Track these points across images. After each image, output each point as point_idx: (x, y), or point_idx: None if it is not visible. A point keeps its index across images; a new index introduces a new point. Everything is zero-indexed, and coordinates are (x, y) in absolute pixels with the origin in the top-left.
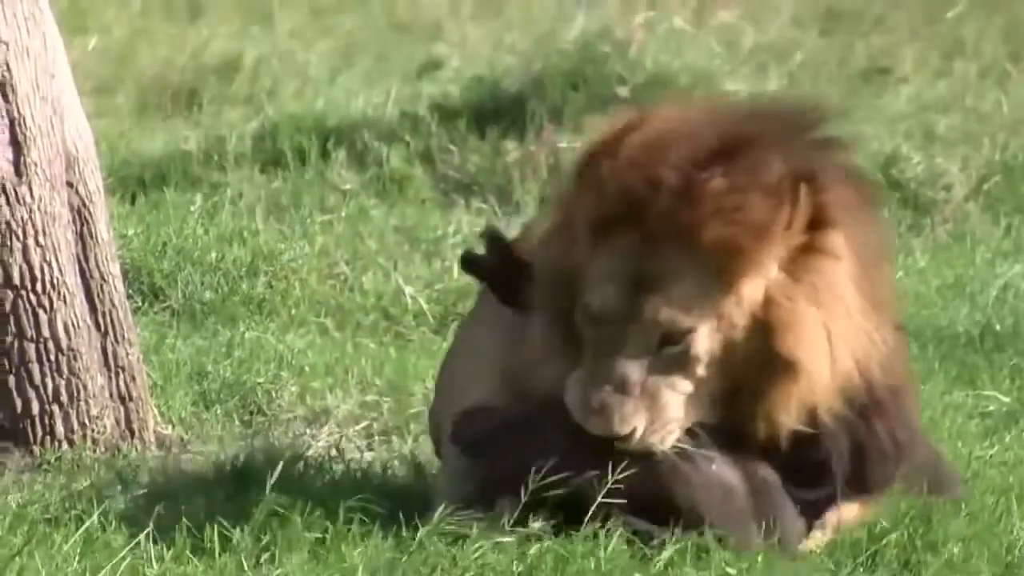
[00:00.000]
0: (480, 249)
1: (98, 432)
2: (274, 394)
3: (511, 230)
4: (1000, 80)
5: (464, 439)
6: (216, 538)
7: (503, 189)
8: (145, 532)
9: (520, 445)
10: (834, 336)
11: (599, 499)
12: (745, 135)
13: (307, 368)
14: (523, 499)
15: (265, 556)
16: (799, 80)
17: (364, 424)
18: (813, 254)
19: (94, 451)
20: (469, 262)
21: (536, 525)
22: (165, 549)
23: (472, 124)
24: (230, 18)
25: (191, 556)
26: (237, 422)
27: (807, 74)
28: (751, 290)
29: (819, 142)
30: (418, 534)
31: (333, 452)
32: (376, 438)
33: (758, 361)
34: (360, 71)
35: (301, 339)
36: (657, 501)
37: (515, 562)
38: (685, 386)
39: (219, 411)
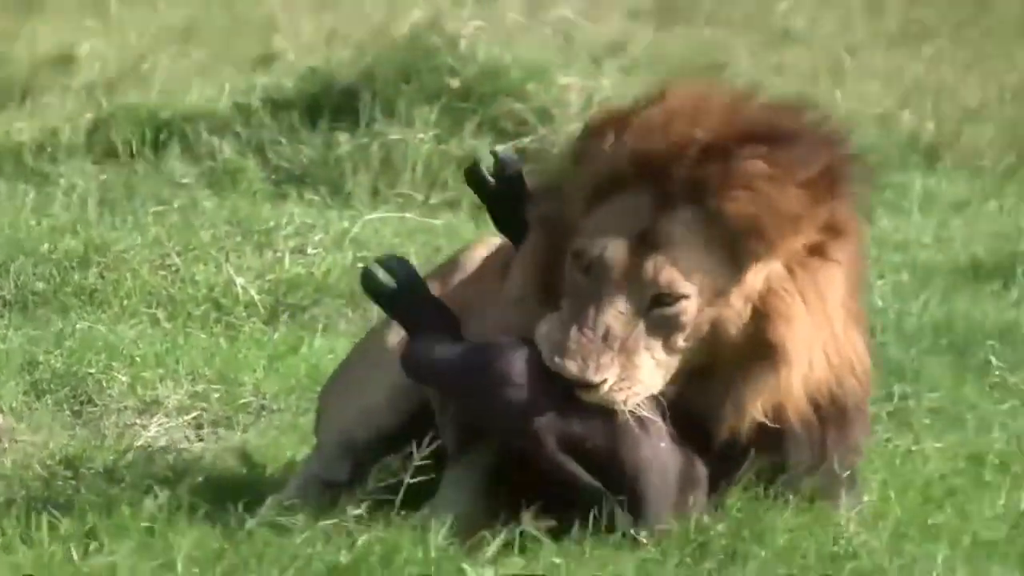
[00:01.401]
0: (485, 168)
1: None
2: (105, 384)
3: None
4: (834, 72)
5: (412, 362)
6: (45, 527)
7: (335, 181)
8: None
9: (473, 378)
10: (818, 341)
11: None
12: (788, 127)
13: (138, 358)
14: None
15: (93, 545)
16: (634, 74)
17: (194, 414)
18: (819, 257)
19: None
20: (474, 177)
21: (356, 512)
22: None
23: (304, 116)
24: (66, 10)
25: (20, 544)
26: (68, 412)
27: (642, 68)
28: (754, 275)
29: (846, 150)
30: (246, 524)
31: (163, 442)
32: (206, 428)
33: (742, 346)
34: (195, 64)
35: (132, 329)
36: (604, 458)
37: (343, 551)
38: (663, 353)
39: (50, 401)
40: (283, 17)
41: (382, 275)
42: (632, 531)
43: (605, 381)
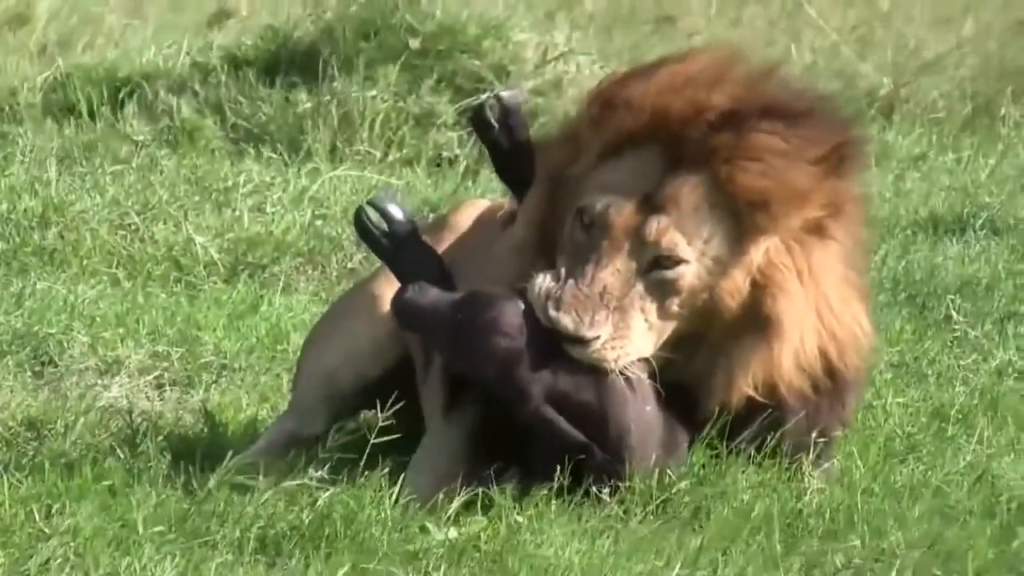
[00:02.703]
0: (490, 112)
1: None
2: (65, 344)
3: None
4: (788, 27)
5: (400, 308)
6: (6, 489)
7: (294, 139)
8: None
9: (461, 326)
10: (811, 317)
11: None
12: (804, 105)
13: (98, 319)
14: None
15: (55, 506)
16: (588, 31)
17: (155, 374)
18: (817, 235)
19: None
20: (478, 121)
21: (317, 474)
22: None
23: (263, 74)
24: None
25: None
26: (28, 373)
27: (596, 24)
28: (755, 249)
29: (855, 133)
30: (207, 485)
31: (124, 402)
32: (167, 388)
33: (736, 318)
34: (152, 22)
35: (92, 289)
36: (589, 416)
37: (305, 511)
38: (657, 317)
39: (10, 362)
40: None
41: (374, 216)
42: (596, 489)
43: (598, 338)
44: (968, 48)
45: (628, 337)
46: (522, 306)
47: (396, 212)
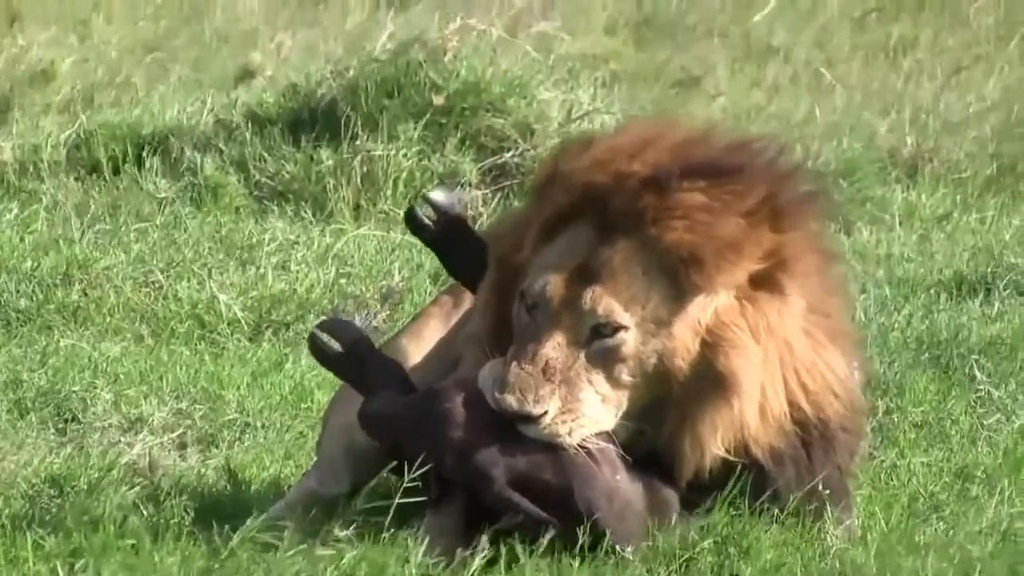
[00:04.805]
0: (423, 213)
1: None
2: (89, 402)
3: (462, 201)
4: (811, 87)
5: (365, 419)
6: (30, 546)
7: (317, 197)
8: None
9: (418, 424)
10: (772, 371)
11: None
12: (732, 162)
13: (122, 376)
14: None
15: (79, 564)
16: (612, 89)
17: (178, 432)
18: (767, 289)
19: None
20: (412, 222)
21: (341, 533)
22: None
23: (287, 132)
24: (46, 26)
25: (4, 564)
26: (52, 430)
27: (621, 84)
28: (698, 307)
29: (796, 184)
30: (231, 542)
31: (147, 460)
32: (190, 446)
33: (692, 380)
34: (176, 80)
35: (116, 347)
36: (556, 494)
37: (329, 570)
38: (607, 387)
39: (34, 419)
40: (264, 33)
41: (327, 339)
42: (618, 548)
43: (546, 413)
44: (991, 107)
45: (579, 410)
46: (472, 394)
47: (346, 331)
